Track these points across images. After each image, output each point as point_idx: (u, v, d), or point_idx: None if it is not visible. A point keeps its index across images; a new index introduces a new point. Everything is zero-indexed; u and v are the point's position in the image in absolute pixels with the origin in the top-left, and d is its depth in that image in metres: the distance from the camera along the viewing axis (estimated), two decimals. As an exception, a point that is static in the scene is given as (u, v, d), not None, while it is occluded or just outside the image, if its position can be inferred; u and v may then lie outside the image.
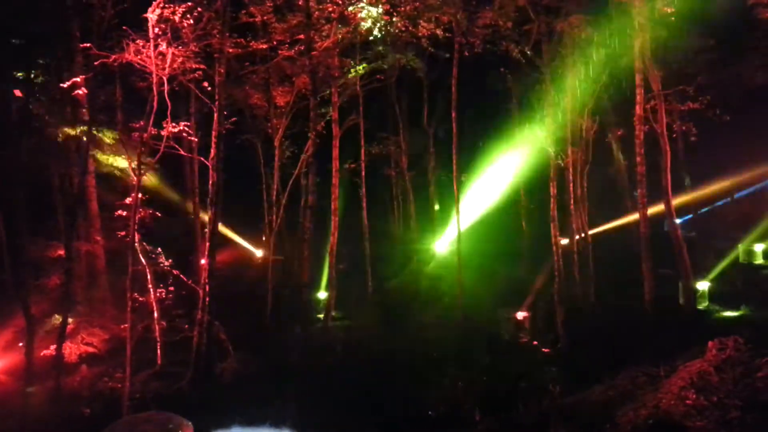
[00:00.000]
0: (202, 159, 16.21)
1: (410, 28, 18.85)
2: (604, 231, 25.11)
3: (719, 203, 27.55)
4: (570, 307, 17.82)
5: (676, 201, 19.77)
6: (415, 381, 13.96)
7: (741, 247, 21.86)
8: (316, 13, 17.76)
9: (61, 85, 15.50)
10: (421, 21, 18.61)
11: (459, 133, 20.03)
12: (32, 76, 17.96)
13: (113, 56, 13.89)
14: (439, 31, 19.03)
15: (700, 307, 17.68)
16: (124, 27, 13.88)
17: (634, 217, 20.48)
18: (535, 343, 17.20)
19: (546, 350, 16.49)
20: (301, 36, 17.91)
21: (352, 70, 20.13)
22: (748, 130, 22.39)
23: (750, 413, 8.46)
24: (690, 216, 25.93)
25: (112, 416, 11.57)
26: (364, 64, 20.54)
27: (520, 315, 17.81)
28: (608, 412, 10.00)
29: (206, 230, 15.74)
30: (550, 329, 17.31)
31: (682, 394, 9.33)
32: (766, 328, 12.96)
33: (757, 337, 11.04)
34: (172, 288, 16.31)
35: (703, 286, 18.21)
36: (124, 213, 15.32)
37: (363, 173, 23.42)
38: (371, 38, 20.00)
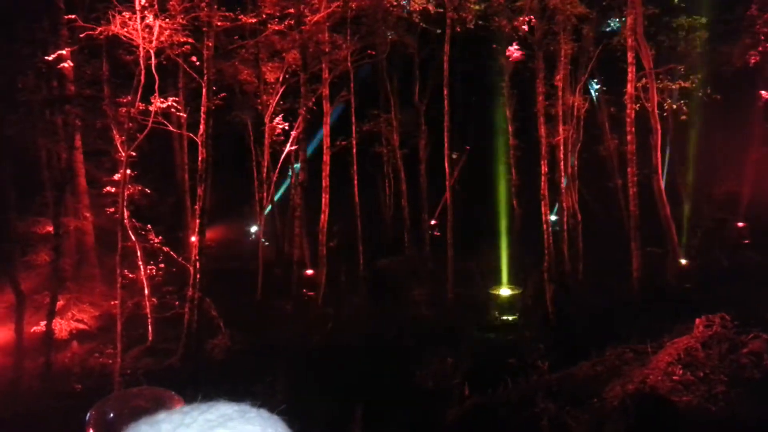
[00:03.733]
0: (191, 135, 16.05)
1: (401, 3, 18.61)
2: (594, 209, 25.24)
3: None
4: (559, 284, 17.97)
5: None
6: (404, 357, 14.07)
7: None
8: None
9: (46, 58, 15.23)
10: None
11: (450, 111, 19.92)
12: (17, 48, 17.63)
13: (99, 29, 13.63)
14: (430, 6, 18.81)
15: (688, 285, 17.88)
16: (109, -2, 13.61)
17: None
18: (524, 320, 17.36)
19: (534, 327, 16.65)
20: (291, 10, 17.65)
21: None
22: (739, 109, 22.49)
23: (735, 388, 8.61)
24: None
25: (103, 392, 11.59)
26: None
27: (510, 294, 17.92)
28: (595, 388, 10.13)
29: (196, 207, 15.65)
30: (540, 306, 17.46)
31: (669, 370, 9.47)
32: (752, 306, 13.13)
33: (742, 314, 11.21)
34: (162, 265, 16.28)
35: (689, 264, 18.41)
36: (113, 189, 15.19)
37: (354, 150, 23.28)
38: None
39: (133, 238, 14.93)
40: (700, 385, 8.86)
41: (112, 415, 2.83)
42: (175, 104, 15.40)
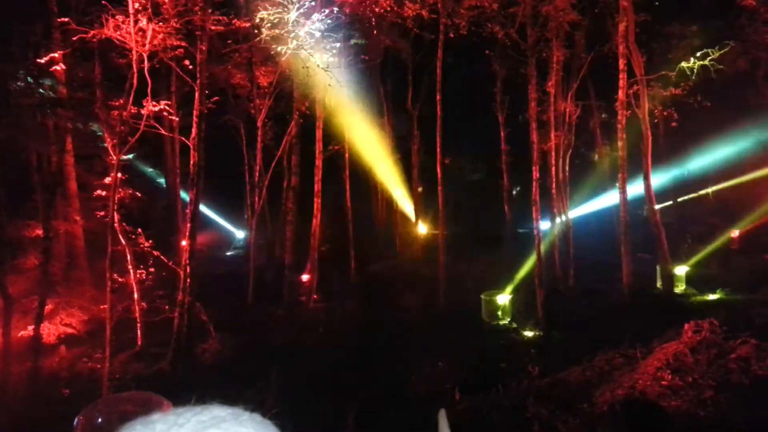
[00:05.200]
0: (183, 139, 16.02)
1: (395, 8, 18.67)
2: (585, 215, 25.38)
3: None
4: (550, 290, 18.03)
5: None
6: (396, 362, 14.06)
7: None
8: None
9: (39, 61, 15.17)
10: (406, 1, 18.43)
11: (443, 116, 19.98)
12: (9, 51, 17.55)
13: (92, 32, 13.59)
14: (424, 12, 18.88)
15: (677, 290, 18.00)
16: (103, 1, 13.57)
17: (614, 201, 20.69)
18: (516, 325, 17.40)
19: (526, 332, 16.68)
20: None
21: None
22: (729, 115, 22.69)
23: (723, 393, 8.66)
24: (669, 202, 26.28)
25: (91, 396, 11.50)
26: None
27: (501, 299, 17.95)
28: (586, 392, 10.17)
29: (187, 211, 15.59)
30: (531, 312, 17.51)
31: (658, 375, 9.52)
32: (740, 312, 13.23)
33: (731, 319, 11.30)
34: (152, 269, 16.20)
35: (680, 270, 18.53)
36: (104, 193, 15.12)
37: (347, 155, 23.32)
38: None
39: (123, 242, 14.86)
40: (688, 390, 8.91)
41: (100, 420, 2.82)
42: (167, 108, 15.37)
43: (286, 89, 20.27)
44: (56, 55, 14.74)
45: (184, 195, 21.02)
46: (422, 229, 27.29)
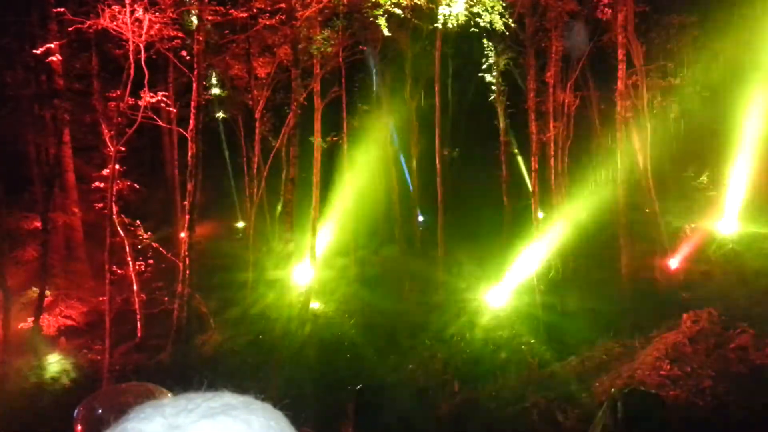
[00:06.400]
0: (180, 130, 15.96)
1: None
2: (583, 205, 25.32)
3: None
4: (548, 280, 18.04)
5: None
6: (395, 352, 14.11)
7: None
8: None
9: (35, 52, 15.08)
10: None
11: (442, 107, 19.92)
12: (5, 42, 17.45)
13: (88, 22, 13.50)
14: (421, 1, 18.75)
15: (675, 281, 18.00)
16: (99, -9, 13.48)
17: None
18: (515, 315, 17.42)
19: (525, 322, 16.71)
20: (282, 5, 17.56)
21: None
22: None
23: (722, 383, 8.70)
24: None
25: (91, 388, 11.53)
26: None
27: (495, 288, 17.96)
28: (584, 382, 10.22)
29: (186, 203, 15.55)
30: (529, 302, 17.53)
31: (657, 365, 9.56)
32: (737, 301, 13.26)
33: (729, 309, 11.33)
34: (151, 261, 16.19)
35: (677, 260, 18.53)
36: (102, 184, 15.09)
37: (345, 146, 23.23)
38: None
39: (122, 233, 14.84)
40: (687, 380, 8.95)
41: (100, 410, 2.82)
42: (164, 99, 15.30)
43: (285, 80, 20.17)
44: (52, 45, 14.64)
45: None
46: (421, 218, 27.24)
